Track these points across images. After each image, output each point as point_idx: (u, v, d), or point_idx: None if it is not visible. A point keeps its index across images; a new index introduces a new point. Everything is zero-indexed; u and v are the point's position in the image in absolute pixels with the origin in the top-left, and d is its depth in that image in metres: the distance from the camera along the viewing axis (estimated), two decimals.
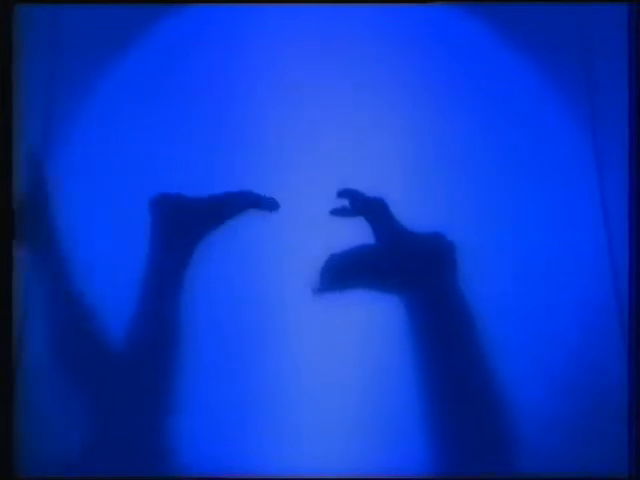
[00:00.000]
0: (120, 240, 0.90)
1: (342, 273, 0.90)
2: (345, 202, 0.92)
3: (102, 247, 0.90)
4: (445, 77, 0.95)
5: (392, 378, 0.88)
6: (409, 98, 0.94)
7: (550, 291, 0.91)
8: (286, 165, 0.92)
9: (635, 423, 0.83)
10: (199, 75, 0.94)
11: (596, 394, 0.88)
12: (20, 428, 0.83)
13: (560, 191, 0.93)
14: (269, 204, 0.91)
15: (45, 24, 0.93)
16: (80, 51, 0.93)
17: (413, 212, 0.92)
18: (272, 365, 0.88)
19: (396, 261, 0.91)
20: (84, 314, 0.88)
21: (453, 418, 0.87)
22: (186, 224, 0.91)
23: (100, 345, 0.88)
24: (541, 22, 0.95)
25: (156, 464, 0.85)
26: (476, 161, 0.93)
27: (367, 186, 0.92)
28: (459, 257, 0.90)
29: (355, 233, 0.91)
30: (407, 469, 0.86)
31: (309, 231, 0.91)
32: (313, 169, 0.91)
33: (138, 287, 0.89)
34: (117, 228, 0.91)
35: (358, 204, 0.91)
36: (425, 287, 0.90)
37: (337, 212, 0.91)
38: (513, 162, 0.93)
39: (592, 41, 0.95)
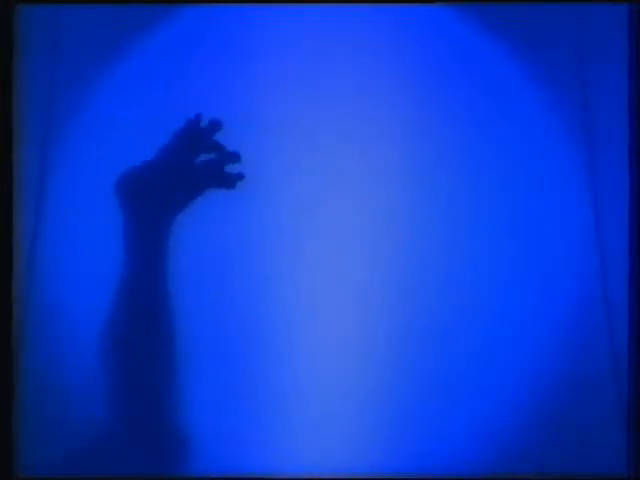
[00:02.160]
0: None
1: None
2: None
3: (102, 246, 0.90)
4: (445, 77, 0.95)
5: (394, 378, 0.88)
6: (407, 97, 0.94)
7: (548, 291, 0.91)
8: (288, 164, 0.92)
9: (635, 423, 0.84)
10: (200, 75, 0.94)
11: (595, 395, 0.88)
12: (20, 428, 0.83)
13: (553, 193, 0.93)
14: (232, 180, 0.86)
15: (46, 24, 0.93)
16: (81, 51, 0.93)
17: (411, 211, 0.92)
18: (274, 365, 0.88)
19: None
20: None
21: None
22: (159, 208, 0.86)
23: (98, 344, 0.88)
24: (540, 22, 0.96)
25: (156, 464, 0.85)
26: (472, 161, 0.93)
27: (366, 185, 0.92)
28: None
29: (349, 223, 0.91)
30: (409, 469, 0.86)
31: (311, 231, 0.91)
32: (313, 166, 0.92)
33: (133, 283, 0.88)
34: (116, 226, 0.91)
35: None
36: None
37: None
38: (508, 163, 0.93)
39: (591, 42, 0.95)
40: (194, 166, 0.86)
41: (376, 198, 0.92)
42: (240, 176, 0.85)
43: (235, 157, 0.85)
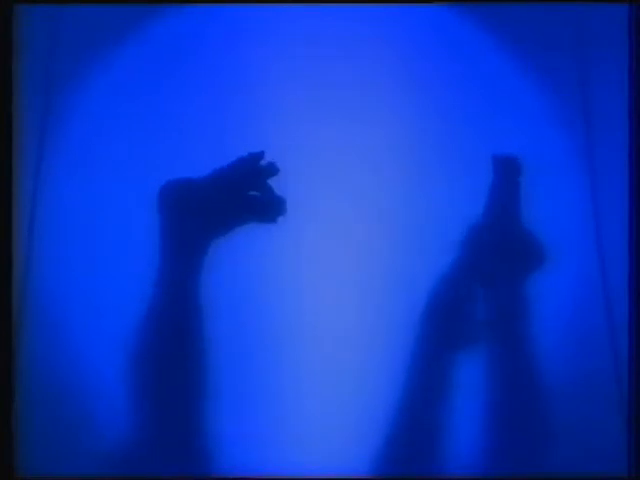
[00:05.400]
0: (118, 238, 0.90)
1: None
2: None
3: (102, 247, 0.90)
4: (445, 77, 0.95)
5: (393, 378, 0.88)
6: (407, 98, 0.94)
7: (546, 288, 0.91)
8: (287, 163, 0.92)
9: (635, 423, 0.84)
10: (198, 74, 0.94)
11: (595, 394, 0.88)
12: (20, 428, 0.83)
13: (552, 193, 0.93)
14: (275, 212, 0.89)
15: (45, 24, 0.93)
16: (80, 51, 0.93)
17: (411, 211, 0.92)
18: (274, 365, 0.88)
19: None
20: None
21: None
22: (196, 221, 0.89)
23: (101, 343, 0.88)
24: (540, 23, 0.96)
25: (156, 463, 0.85)
26: (472, 160, 0.93)
27: (366, 185, 0.92)
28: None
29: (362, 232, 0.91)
30: (409, 469, 0.86)
31: (314, 232, 0.91)
32: (312, 167, 0.92)
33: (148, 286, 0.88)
34: (116, 226, 0.91)
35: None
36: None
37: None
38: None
39: (591, 42, 0.95)
40: (241, 197, 0.89)
41: (376, 198, 0.92)
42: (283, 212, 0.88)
43: (282, 202, 0.89)
